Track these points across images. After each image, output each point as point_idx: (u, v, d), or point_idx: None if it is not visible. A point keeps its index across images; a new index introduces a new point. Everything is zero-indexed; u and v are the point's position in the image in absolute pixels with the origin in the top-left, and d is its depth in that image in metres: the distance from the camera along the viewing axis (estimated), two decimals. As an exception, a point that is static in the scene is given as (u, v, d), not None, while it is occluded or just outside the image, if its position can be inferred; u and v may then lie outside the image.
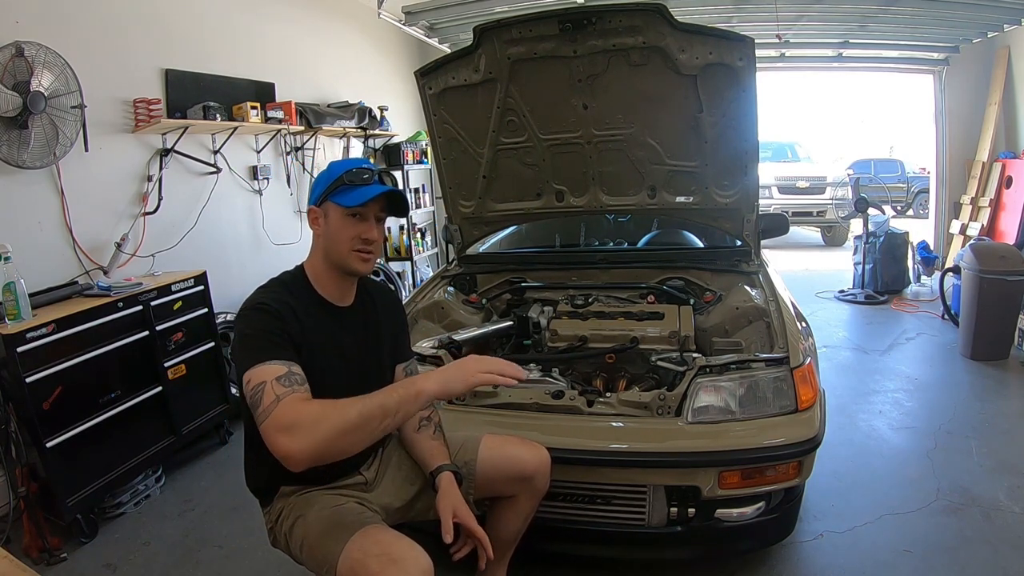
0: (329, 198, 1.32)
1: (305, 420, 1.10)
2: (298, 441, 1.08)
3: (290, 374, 1.17)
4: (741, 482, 1.65)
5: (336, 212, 1.32)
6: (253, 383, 1.16)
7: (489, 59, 2.25)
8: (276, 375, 1.16)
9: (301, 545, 1.30)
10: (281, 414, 1.10)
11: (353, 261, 1.33)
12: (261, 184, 3.89)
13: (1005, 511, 2.19)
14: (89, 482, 2.30)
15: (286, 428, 1.09)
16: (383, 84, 5.44)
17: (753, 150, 2.27)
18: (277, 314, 1.24)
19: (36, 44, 2.42)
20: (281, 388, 1.14)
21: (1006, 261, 3.58)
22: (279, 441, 1.09)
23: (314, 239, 1.38)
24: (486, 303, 2.60)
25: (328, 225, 1.33)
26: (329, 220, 1.33)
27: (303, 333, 1.28)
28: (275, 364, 1.17)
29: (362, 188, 1.31)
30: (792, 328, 1.90)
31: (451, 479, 1.40)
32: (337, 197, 1.31)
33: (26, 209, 2.54)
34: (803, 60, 6.06)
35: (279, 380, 1.15)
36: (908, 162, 12.26)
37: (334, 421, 1.10)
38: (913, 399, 3.27)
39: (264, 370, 1.16)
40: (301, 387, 1.17)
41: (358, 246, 1.32)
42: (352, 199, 1.30)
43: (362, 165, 1.34)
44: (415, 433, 1.50)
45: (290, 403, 1.12)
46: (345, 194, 1.31)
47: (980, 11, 4.59)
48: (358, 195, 1.30)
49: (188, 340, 2.82)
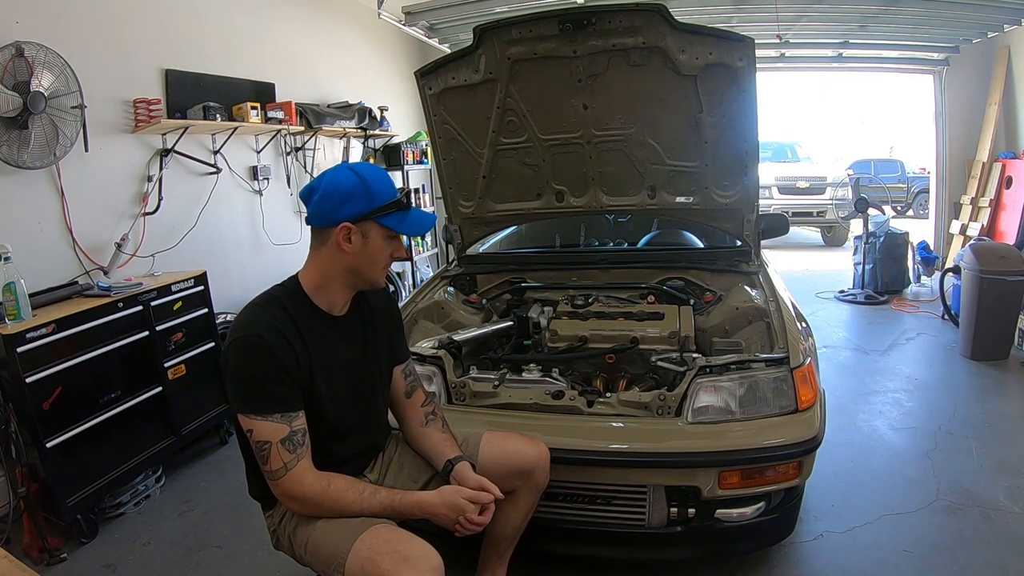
0: (377, 219, 1.26)
1: (310, 499, 1.23)
2: (302, 509, 1.26)
3: (292, 434, 1.22)
4: (741, 482, 1.65)
5: (380, 233, 1.28)
6: (256, 437, 1.21)
7: (489, 59, 2.25)
8: (280, 437, 1.20)
9: (306, 545, 1.29)
10: (289, 487, 1.22)
11: (382, 277, 1.36)
12: (261, 184, 3.89)
13: (1005, 511, 2.19)
14: (89, 482, 2.30)
15: (292, 498, 1.24)
16: (383, 84, 5.44)
17: (753, 150, 2.27)
18: (275, 356, 1.20)
19: (36, 44, 2.42)
20: (288, 455, 1.21)
21: (1006, 261, 3.58)
22: (286, 502, 1.27)
23: (326, 253, 1.29)
24: (486, 303, 2.60)
25: (367, 245, 1.27)
26: (369, 240, 1.27)
27: (307, 354, 1.26)
28: (277, 422, 1.20)
29: (417, 216, 1.32)
30: (792, 328, 1.90)
31: (468, 467, 1.42)
32: (390, 221, 1.27)
33: (26, 209, 2.54)
34: (803, 60, 6.05)
35: (283, 444, 1.21)
36: (908, 162, 12.26)
37: (333, 509, 1.25)
38: (913, 399, 3.27)
39: (266, 428, 1.20)
40: (304, 449, 1.23)
41: (388, 263, 1.34)
42: (411, 228, 1.30)
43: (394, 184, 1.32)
44: (423, 428, 1.51)
45: (297, 477, 1.22)
46: (401, 220, 1.29)
47: (980, 11, 4.59)
48: (416, 224, 1.32)
49: (188, 340, 2.82)
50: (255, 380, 1.20)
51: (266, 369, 1.20)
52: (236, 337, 1.22)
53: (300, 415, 1.24)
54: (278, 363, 1.20)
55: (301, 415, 1.24)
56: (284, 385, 1.22)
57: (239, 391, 1.22)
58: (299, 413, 1.24)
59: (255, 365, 1.20)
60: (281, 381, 1.21)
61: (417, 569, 1.13)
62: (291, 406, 1.22)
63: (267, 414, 1.20)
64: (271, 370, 1.20)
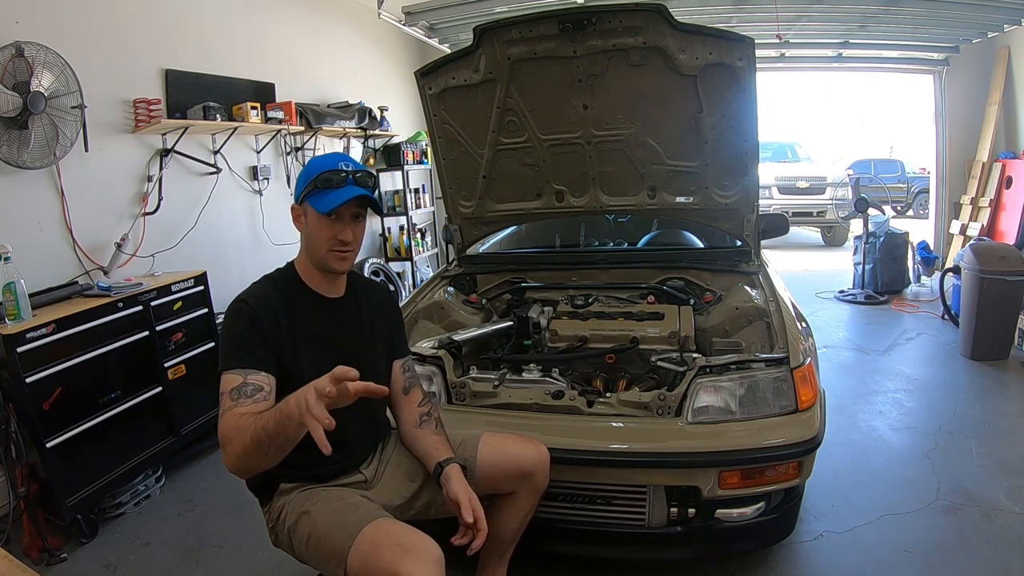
0: (306, 199, 1.34)
1: (226, 436, 1.18)
2: (225, 456, 1.19)
3: (243, 385, 1.22)
4: (741, 482, 1.65)
5: (313, 213, 1.33)
6: (221, 391, 1.24)
7: (489, 59, 2.25)
8: (231, 386, 1.22)
9: (307, 540, 1.29)
10: (220, 430, 1.20)
11: (331, 260, 1.36)
12: (261, 184, 3.89)
13: (1005, 511, 2.19)
14: (89, 482, 2.30)
15: (221, 443, 1.20)
16: (383, 84, 5.44)
17: (753, 150, 2.27)
18: (251, 314, 1.28)
19: (36, 44, 2.42)
20: (229, 402, 1.21)
21: (1006, 261, 3.58)
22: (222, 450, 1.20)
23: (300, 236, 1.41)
24: (486, 303, 2.60)
25: (307, 225, 1.36)
26: (308, 220, 1.35)
27: (291, 324, 1.32)
28: (234, 374, 1.24)
29: (334, 192, 1.31)
30: (792, 328, 1.90)
31: (459, 470, 1.41)
32: (312, 200, 1.33)
33: (26, 209, 2.54)
34: (803, 60, 6.05)
35: (230, 393, 1.22)
36: (908, 162, 12.26)
37: (237, 443, 1.16)
38: (913, 399, 3.27)
39: (226, 379, 1.23)
40: (247, 399, 1.21)
41: (335, 246, 1.34)
42: (324, 204, 1.31)
43: (337, 165, 1.34)
44: (416, 429, 1.51)
45: (226, 420, 1.19)
46: (319, 198, 1.32)
47: (980, 11, 4.59)
48: (329, 200, 1.31)
49: (188, 340, 2.82)
50: (231, 338, 1.28)
51: (240, 327, 1.27)
52: (229, 305, 1.33)
53: (261, 375, 1.25)
54: (253, 322, 1.27)
55: (262, 376, 1.25)
56: (251, 343, 1.26)
57: (221, 350, 1.29)
58: (260, 373, 1.25)
59: (231, 324, 1.29)
60: (250, 339, 1.26)
61: (418, 560, 1.14)
62: (252, 362, 1.25)
63: (231, 368, 1.24)
64: (244, 327, 1.27)
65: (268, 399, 1.23)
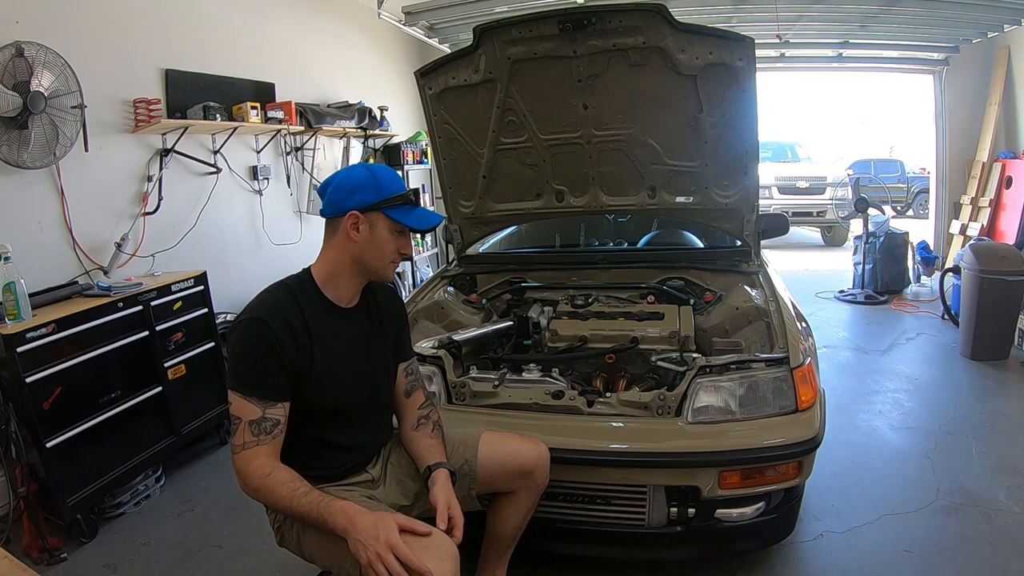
0: (383, 211, 1.33)
1: (250, 481, 1.23)
2: (243, 487, 1.26)
3: (262, 419, 1.24)
4: (741, 482, 1.65)
5: (387, 225, 1.34)
6: (232, 411, 1.25)
7: (489, 59, 2.25)
8: (251, 418, 1.24)
9: (319, 539, 1.29)
10: (240, 464, 1.24)
11: (389, 271, 1.41)
12: (261, 184, 3.89)
13: (1005, 511, 2.19)
14: (89, 482, 2.30)
15: (239, 474, 1.25)
16: (383, 84, 5.44)
17: (753, 150, 2.26)
18: (268, 336, 1.25)
19: (36, 44, 2.42)
20: (250, 436, 1.24)
21: (1006, 261, 3.58)
22: (237, 474, 1.26)
23: (337, 242, 1.35)
24: (486, 303, 2.60)
25: (374, 235, 1.34)
26: (376, 231, 1.34)
27: (309, 340, 1.30)
28: (251, 403, 1.24)
29: (422, 212, 1.38)
30: (792, 328, 1.90)
31: (447, 475, 1.41)
32: (396, 213, 1.34)
33: (26, 209, 2.54)
34: (803, 60, 6.05)
35: (251, 425, 1.24)
36: (908, 162, 12.26)
37: (262, 495, 1.23)
38: (913, 399, 3.27)
39: (242, 405, 1.24)
40: (268, 437, 1.24)
41: (396, 258, 1.39)
42: (415, 221, 1.36)
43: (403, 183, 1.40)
44: (413, 431, 1.51)
45: (249, 456, 1.23)
46: (407, 214, 1.35)
47: (980, 11, 4.59)
48: (421, 219, 1.37)
49: (188, 340, 2.82)
50: (245, 359, 1.26)
51: (259, 352, 1.25)
52: (242, 318, 1.29)
53: (279, 406, 1.27)
54: (273, 348, 1.25)
55: (280, 407, 1.27)
56: (272, 372, 1.25)
57: (232, 366, 1.29)
58: (278, 404, 1.26)
59: (250, 345, 1.26)
60: (270, 368, 1.25)
61: (436, 558, 1.14)
62: (272, 394, 1.26)
63: (247, 394, 1.24)
64: (264, 354, 1.25)
65: (284, 430, 1.28)
